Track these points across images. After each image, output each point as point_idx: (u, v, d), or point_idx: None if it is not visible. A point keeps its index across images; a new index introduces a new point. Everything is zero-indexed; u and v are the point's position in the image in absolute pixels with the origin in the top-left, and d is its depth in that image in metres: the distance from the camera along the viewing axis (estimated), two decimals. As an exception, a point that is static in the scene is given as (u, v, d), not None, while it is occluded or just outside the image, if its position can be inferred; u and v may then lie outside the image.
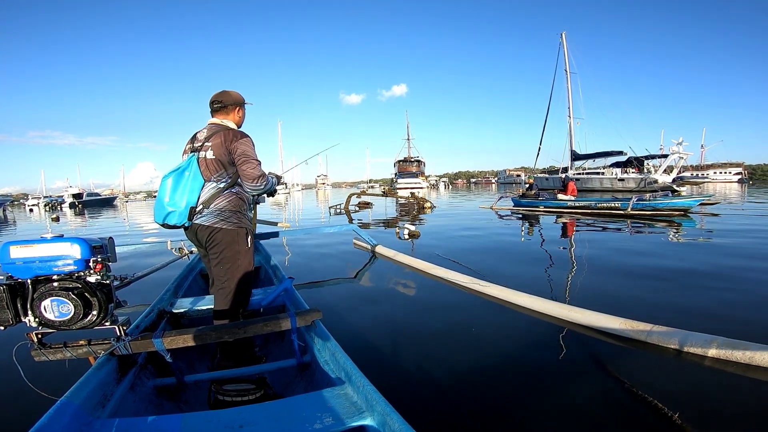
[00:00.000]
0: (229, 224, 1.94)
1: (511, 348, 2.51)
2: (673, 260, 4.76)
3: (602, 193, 21.22)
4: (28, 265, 1.33)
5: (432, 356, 2.39)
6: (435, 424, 1.73)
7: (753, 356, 2.07)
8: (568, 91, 31.79)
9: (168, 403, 1.74)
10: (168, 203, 1.90)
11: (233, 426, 1.24)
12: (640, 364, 2.23)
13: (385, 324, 2.96)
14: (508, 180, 70.00)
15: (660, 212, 9.64)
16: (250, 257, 2.07)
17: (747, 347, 2.11)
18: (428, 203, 14.31)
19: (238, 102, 2.13)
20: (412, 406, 1.82)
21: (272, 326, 1.79)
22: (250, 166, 1.94)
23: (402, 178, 47.57)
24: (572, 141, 31.44)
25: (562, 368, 2.23)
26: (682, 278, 3.90)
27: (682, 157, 24.79)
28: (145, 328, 2.03)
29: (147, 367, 1.80)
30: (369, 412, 1.28)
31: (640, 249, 5.69)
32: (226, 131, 1.98)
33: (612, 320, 2.58)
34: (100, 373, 1.51)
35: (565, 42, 31.82)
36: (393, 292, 3.85)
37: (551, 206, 11.46)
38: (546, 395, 1.95)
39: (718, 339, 2.21)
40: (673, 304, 3.17)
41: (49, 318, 1.35)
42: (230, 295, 1.97)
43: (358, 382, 1.40)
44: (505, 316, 3.00)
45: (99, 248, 1.43)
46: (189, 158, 1.95)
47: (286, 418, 1.29)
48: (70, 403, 1.27)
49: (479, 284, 3.57)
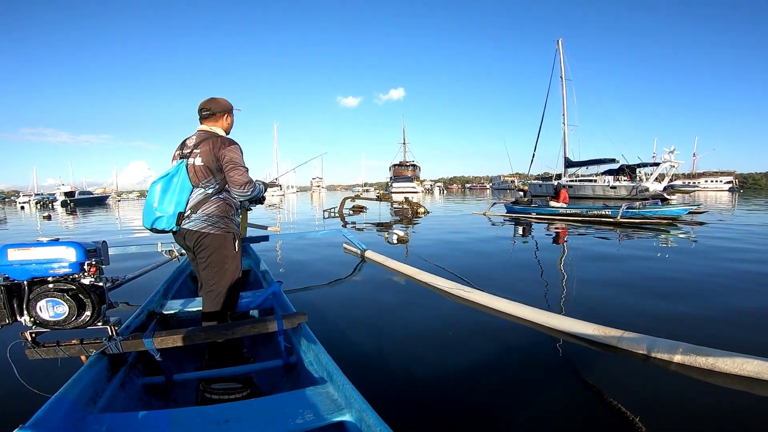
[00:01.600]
0: (216, 229, 2.00)
1: (488, 351, 2.60)
2: (654, 269, 4.90)
3: (594, 201, 21.42)
4: (24, 267, 1.38)
5: (411, 358, 2.48)
6: (409, 421, 1.82)
7: (715, 362, 2.19)
8: (563, 98, 32.07)
9: (156, 401, 1.80)
10: (157, 208, 1.95)
11: (219, 421, 1.31)
12: (609, 369, 2.33)
13: (369, 327, 3.04)
14: (502, 186, 70.26)
15: (649, 221, 9.82)
16: (238, 261, 2.13)
17: (710, 353, 2.23)
18: (422, 208, 14.40)
19: (226, 109, 2.20)
20: (390, 404, 1.91)
21: (260, 328, 1.85)
22: (238, 173, 2.00)
23: (397, 182, 47.67)
24: (566, 148, 31.72)
25: (535, 371, 2.33)
26: (658, 286, 4.03)
27: (673, 166, 25.08)
28: (136, 328, 2.08)
29: (137, 366, 1.85)
30: (348, 409, 1.35)
31: (624, 257, 5.83)
32: (214, 138, 2.04)
33: (586, 326, 2.69)
34: (92, 371, 1.57)
35: (561, 49, 32.17)
36: (379, 296, 3.92)
37: (543, 213, 11.60)
38: (518, 397, 2.04)
39: (683, 345, 2.32)
40: (644, 310, 3.29)
41: (44, 318, 1.40)
42: (218, 297, 2.03)
43: (338, 381, 1.48)
44: (485, 321, 3.10)
45: (93, 251, 1.48)
46: (178, 164, 2.00)
47: (270, 414, 1.36)
48: (64, 398, 1.32)
49: (463, 290, 3.67)
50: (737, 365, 2.14)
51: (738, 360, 2.15)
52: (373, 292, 4.05)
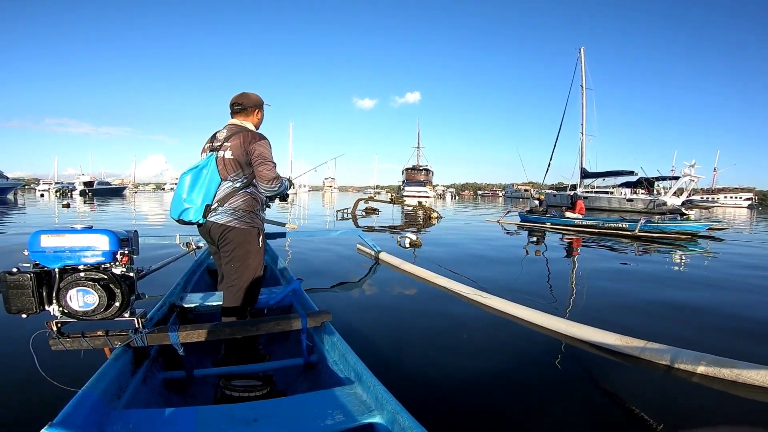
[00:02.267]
0: (242, 223, 1.99)
1: (508, 358, 2.57)
2: (674, 283, 4.78)
3: (610, 213, 21.06)
4: (57, 254, 1.36)
5: (433, 362, 2.45)
6: (437, 425, 1.78)
7: (740, 374, 2.16)
8: (583, 107, 31.58)
9: (175, 396, 1.78)
10: (186, 200, 1.95)
11: (247, 420, 1.28)
12: (631, 379, 2.30)
13: (388, 329, 3.00)
14: (515, 194, 69.67)
15: (667, 235, 9.59)
16: (261, 257, 2.11)
17: (734, 365, 2.21)
18: (435, 213, 14.26)
19: (258, 104, 2.19)
20: (419, 406, 1.87)
21: (284, 325, 1.83)
22: (267, 168, 1.99)
23: (409, 185, 47.68)
24: (583, 158, 31.23)
25: (557, 380, 2.29)
26: (679, 299, 3.94)
27: (693, 180, 24.60)
28: (157, 321, 2.07)
29: (157, 360, 1.83)
30: (378, 411, 1.32)
31: (643, 271, 5.69)
32: (245, 132, 2.03)
33: (607, 336, 2.65)
34: (117, 364, 1.53)
35: (583, 57, 31.76)
36: (396, 299, 3.89)
37: (558, 224, 11.42)
38: (540, 404, 2.02)
39: (707, 357, 2.29)
40: (665, 323, 3.25)
41: (73, 307, 1.37)
42: (239, 292, 2.01)
43: (368, 382, 1.44)
44: (505, 327, 3.05)
45: (126, 241, 1.46)
46: (208, 157, 2.00)
47: (297, 414, 1.33)
48: (90, 394, 1.28)
49: (481, 296, 3.61)
50: (762, 377, 2.11)
51: (762, 372, 2.12)
52: (389, 295, 4.01)
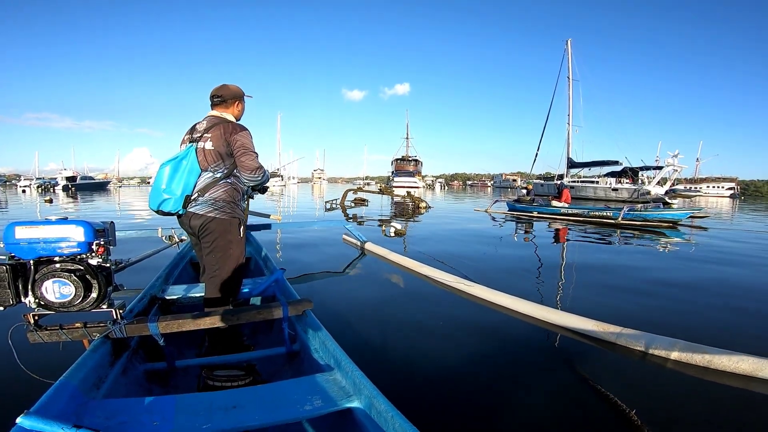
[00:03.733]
0: (222, 214, 1.98)
1: (488, 344, 2.62)
2: (653, 270, 4.89)
3: (595, 202, 21.37)
4: (32, 246, 1.35)
5: (413, 349, 2.49)
6: (411, 408, 1.82)
7: (711, 360, 2.23)
8: (569, 99, 31.69)
9: (157, 387, 1.79)
10: (164, 190, 1.93)
11: (226, 407, 1.29)
12: (607, 364, 2.37)
13: (370, 317, 3.03)
14: (503, 184, 70.20)
15: (649, 223, 9.79)
16: (242, 247, 2.11)
17: (706, 351, 2.27)
18: (424, 203, 14.37)
19: (238, 96, 2.17)
20: (397, 391, 1.91)
21: (265, 314, 1.85)
22: (249, 158, 1.99)
23: (399, 176, 47.51)
24: (570, 148, 31.51)
25: (533, 365, 2.35)
26: (657, 287, 4.03)
27: (676, 170, 24.98)
28: (138, 312, 2.06)
29: (138, 352, 1.83)
30: (356, 395, 1.35)
31: (623, 257, 5.83)
32: (225, 124, 2.02)
33: (585, 322, 2.71)
34: (96, 355, 1.53)
35: (570, 49, 31.81)
36: (379, 287, 3.92)
37: (545, 212, 11.58)
38: (517, 389, 2.07)
39: (680, 343, 2.36)
40: (642, 309, 3.33)
41: (50, 299, 1.37)
42: (221, 283, 2.01)
43: (346, 368, 1.47)
44: (486, 315, 3.11)
45: (102, 231, 1.45)
46: (187, 148, 1.98)
47: (277, 400, 1.35)
48: (68, 383, 1.29)
49: (464, 284, 3.67)
50: (732, 363, 2.18)
51: (734, 358, 2.19)
52: (373, 284, 4.05)
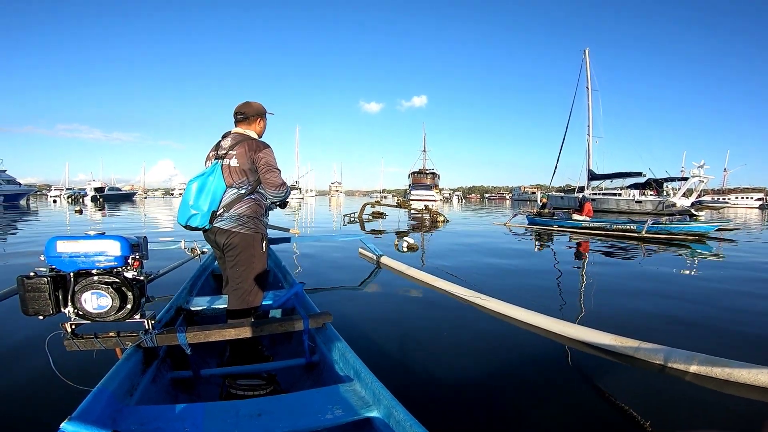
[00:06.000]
0: (246, 229, 2.05)
1: (505, 358, 2.61)
2: (677, 284, 4.76)
3: (618, 215, 20.84)
4: (72, 260, 1.44)
5: (431, 362, 2.50)
6: (432, 418, 1.83)
7: (731, 373, 2.19)
8: (589, 109, 31.24)
9: (182, 395, 1.85)
10: (192, 206, 2.02)
11: (252, 415, 1.35)
12: (625, 378, 2.33)
13: (387, 329, 3.05)
14: (522, 197, 69.28)
15: (675, 236, 9.52)
16: (264, 261, 2.17)
17: (726, 364, 2.24)
18: (441, 217, 14.32)
19: (260, 113, 2.25)
20: (415, 402, 1.92)
21: (286, 326, 1.91)
22: (273, 175, 2.07)
23: (416, 189, 47.58)
24: (590, 160, 30.92)
25: (552, 379, 2.33)
26: (680, 302, 3.93)
27: (702, 181, 24.29)
28: (165, 323, 2.15)
29: (166, 360, 1.90)
30: (375, 406, 1.39)
31: (647, 271, 5.68)
32: (249, 141, 2.10)
33: (603, 336, 2.68)
34: (129, 363, 1.61)
35: (588, 58, 31.48)
36: (396, 301, 3.94)
37: (565, 226, 11.39)
38: (534, 403, 2.06)
39: (700, 356, 2.32)
40: (662, 325, 3.26)
41: (88, 309, 1.45)
42: (244, 296, 2.07)
43: (366, 379, 1.51)
44: (502, 329, 3.10)
45: (136, 246, 1.54)
46: (213, 165, 2.07)
47: (299, 409, 1.40)
48: (104, 390, 1.36)
49: (480, 298, 3.66)
50: (753, 376, 2.14)
51: (754, 371, 2.15)
52: (389, 297, 4.07)
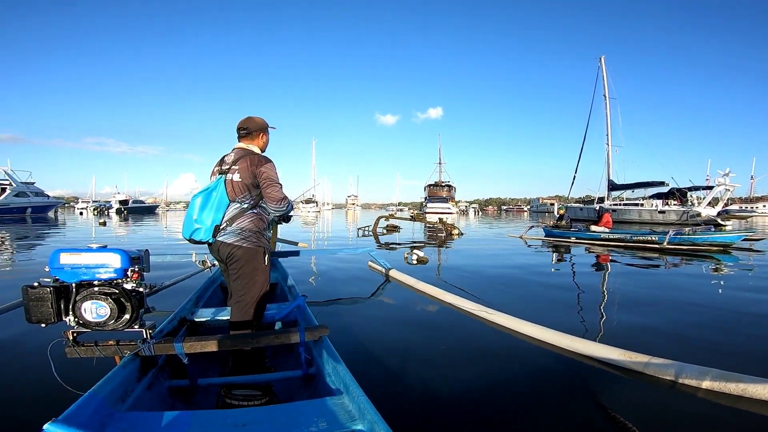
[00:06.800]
0: (249, 243, 2.09)
1: (510, 373, 2.55)
2: (699, 298, 4.56)
3: (640, 226, 20.27)
4: (75, 271, 1.52)
5: (431, 375, 2.47)
6: None
7: (746, 388, 2.11)
8: (607, 118, 30.66)
9: (179, 403, 1.88)
10: (196, 220, 2.07)
11: (238, 424, 1.37)
12: (634, 394, 2.27)
13: (390, 343, 3.03)
14: (541, 208, 68.33)
15: (698, 247, 9.19)
16: (267, 274, 2.21)
17: (740, 379, 2.16)
18: (456, 229, 14.26)
19: (262, 128, 2.32)
20: (405, 418, 1.92)
21: (283, 339, 1.93)
22: (274, 189, 2.12)
23: (432, 202, 47.49)
24: (610, 170, 30.23)
25: (557, 395, 2.27)
26: (697, 317, 3.79)
27: (728, 189, 23.47)
28: (167, 333, 2.20)
29: (165, 369, 1.95)
30: (360, 420, 1.39)
31: (666, 284, 5.51)
32: (251, 156, 2.16)
33: (611, 351, 2.62)
34: (125, 371, 1.66)
35: (604, 66, 31.08)
36: (401, 314, 3.92)
37: (584, 238, 11.14)
38: (539, 420, 2.01)
39: (713, 371, 2.26)
40: (677, 340, 3.14)
41: (88, 318, 1.52)
42: (246, 308, 2.10)
43: (353, 393, 1.51)
44: (508, 344, 3.04)
45: (137, 259, 1.61)
46: (217, 180, 2.13)
47: (286, 420, 1.41)
48: (95, 395, 1.41)
49: (486, 311, 3.61)
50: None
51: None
52: (395, 310, 4.06)
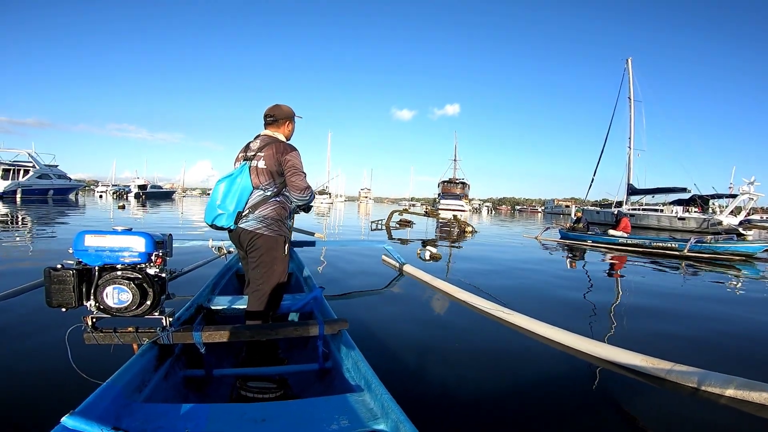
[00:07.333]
0: (270, 231, 2.06)
1: (528, 375, 2.51)
2: (718, 307, 4.42)
3: (658, 232, 19.80)
4: (99, 254, 1.46)
5: (449, 374, 2.43)
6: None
7: None
8: (631, 120, 29.61)
9: (193, 394, 1.84)
10: (219, 206, 2.05)
11: (256, 419, 1.32)
12: (655, 400, 2.22)
13: (405, 338, 2.99)
14: (555, 210, 67.19)
15: (719, 256, 8.91)
16: (286, 264, 2.18)
17: (764, 388, 2.13)
18: (470, 227, 14.11)
19: (289, 116, 2.28)
20: (425, 417, 1.84)
21: (301, 331, 1.89)
22: (299, 178, 2.09)
23: (445, 199, 47.05)
24: (630, 174, 29.37)
25: (576, 398, 2.23)
26: (718, 325, 3.70)
27: (752, 198, 22.73)
28: (184, 321, 2.16)
29: (180, 358, 1.90)
30: (383, 419, 1.33)
31: (685, 292, 5.38)
32: (277, 143, 2.12)
33: (633, 357, 2.56)
34: (143, 359, 1.61)
35: (631, 68, 30.17)
36: (416, 310, 3.88)
37: (600, 242, 10.93)
38: (558, 423, 1.97)
39: (737, 379, 2.22)
40: (698, 349, 3.08)
41: (109, 304, 1.46)
42: (263, 297, 2.07)
43: (376, 390, 1.45)
44: (526, 345, 2.98)
45: (161, 243, 1.55)
46: (242, 166, 2.10)
47: (305, 417, 1.36)
48: (113, 386, 1.36)
49: (503, 311, 3.54)
50: None
51: None
52: (410, 306, 4.01)
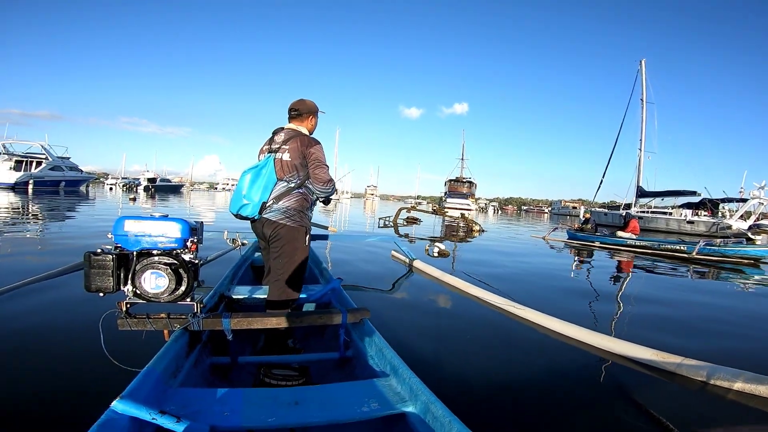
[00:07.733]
0: (292, 222, 2.13)
1: (540, 368, 2.56)
2: (726, 307, 4.45)
3: (666, 235, 19.62)
4: (138, 239, 1.50)
5: (464, 365, 2.50)
6: (471, 417, 1.81)
7: None
8: (642, 122, 29.19)
9: (218, 380, 1.90)
10: (245, 196, 2.11)
11: (289, 403, 1.38)
12: (664, 393, 2.27)
13: (418, 331, 3.04)
14: (562, 211, 66.69)
15: (728, 259, 8.87)
16: (306, 255, 2.24)
17: None
18: (477, 226, 14.10)
19: (312, 111, 2.35)
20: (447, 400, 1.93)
21: (325, 319, 1.95)
22: (322, 171, 2.15)
23: (451, 197, 46.87)
24: (640, 176, 29.05)
25: (587, 391, 2.28)
26: (724, 325, 3.74)
27: (762, 203, 22.50)
28: (209, 308, 2.19)
29: (207, 345, 1.96)
30: (412, 401, 1.39)
31: (694, 291, 5.46)
32: (302, 137, 2.19)
33: (644, 351, 2.61)
34: (176, 345, 1.66)
35: (644, 70, 29.76)
36: (428, 303, 3.94)
37: (608, 243, 10.90)
38: (570, 415, 2.02)
39: (746, 374, 2.28)
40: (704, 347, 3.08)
41: (145, 289, 1.48)
42: (284, 287, 2.14)
43: (403, 374, 1.51)
44: (537, 339, 3.03)
45: (195, 230, 1.59)
46: (267, 158, 2.16)
47: (334, 400, 1.42)
48: (153, 371, 1.40)
49: (514, 306, 3.58)
50: None
51: None
52: (422, 300, 4.07)
